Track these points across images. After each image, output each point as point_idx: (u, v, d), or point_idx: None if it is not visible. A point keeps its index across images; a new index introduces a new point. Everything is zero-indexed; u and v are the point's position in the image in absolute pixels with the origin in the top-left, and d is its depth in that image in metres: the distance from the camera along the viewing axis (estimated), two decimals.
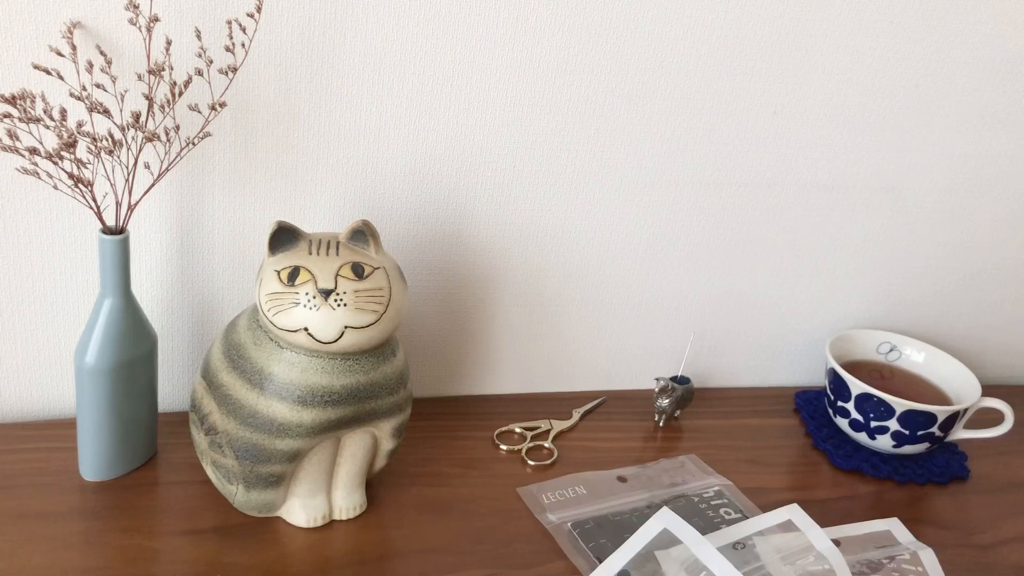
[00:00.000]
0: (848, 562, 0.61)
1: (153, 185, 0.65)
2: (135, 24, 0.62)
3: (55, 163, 0.60)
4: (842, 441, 0.83)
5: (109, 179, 0.64)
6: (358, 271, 0.60)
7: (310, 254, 0.60)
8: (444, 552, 0.65)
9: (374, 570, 0.62)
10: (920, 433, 0.79)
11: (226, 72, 0.64)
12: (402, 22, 0.69)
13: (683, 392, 0.83)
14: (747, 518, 0.69)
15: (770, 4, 0.76)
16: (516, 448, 0.77)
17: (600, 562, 0.62)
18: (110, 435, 0.66)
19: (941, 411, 0.78)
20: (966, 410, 0.80)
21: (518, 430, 0.80)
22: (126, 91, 0.64)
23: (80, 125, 0.60)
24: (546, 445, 0.78)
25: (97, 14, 0.63)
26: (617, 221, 0.81)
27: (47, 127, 0.60)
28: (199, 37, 0.64)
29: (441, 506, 0.69)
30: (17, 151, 0.59)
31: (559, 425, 0.81)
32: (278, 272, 0.59)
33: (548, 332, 0.85)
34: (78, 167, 0.61)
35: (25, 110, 0.59)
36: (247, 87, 0.68)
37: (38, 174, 0.60)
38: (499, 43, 0.72)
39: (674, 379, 0.85)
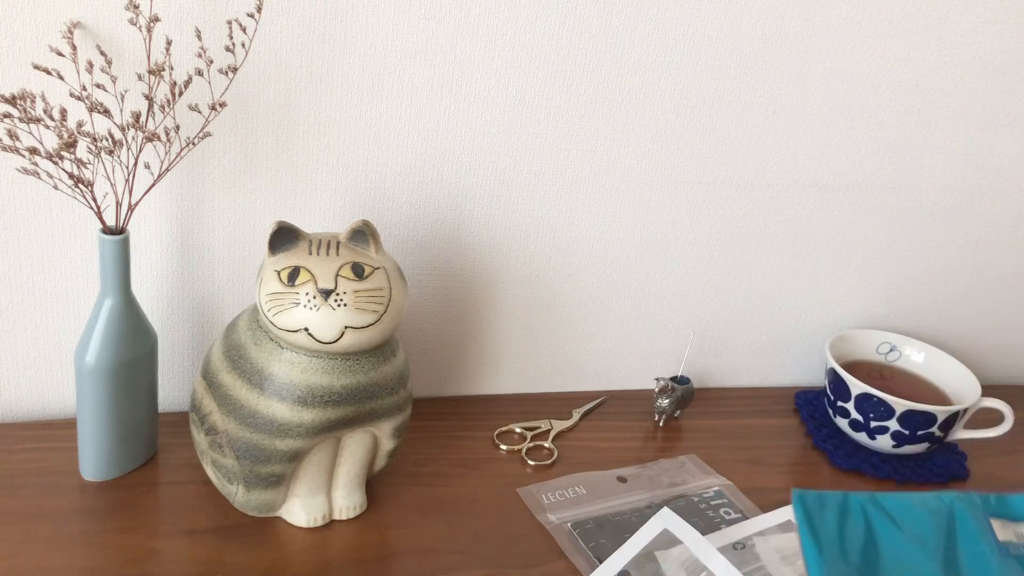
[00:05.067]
0: None
1: (153, 185, 0.65)
2: (135, 24, 0.62)
3: (55, 163, 0.60)
4: (842, 441, 0.83)
5: (109, 179, 0.64)
6: (358, 271, 0.60)
7: (310, 254, 0.60)
8: (444, 552, 0.65)
9: (374, 570, 0.62)
10: (920, 433, 0.79)
11: (226, 72, 0.64)
12: (402, 22, 0.69)
13: (683, 392, 0.83)
14: (747, 518, 0.69)
15: (770, 4, 0.76)
16: (516, 448, 0.77)
17: (600, 562, 0.62)
18: (110, 435, 0.66)
19: (941, 411, 0.78)
20: (966, 410, 0.80)
21: (518, 430, 0.80)
22: (126, 91, 0.64)
23: (80, 125, 0.60)
24: (546, 445, 0.78)
25: (97, 14, 0.63)
26: (617, 221, 0.81)
27: (47, 127, 0.60)
28: (199, 37, 0.64)
29: (441, 506, 0.69)
30: (17, 151, 0.59)
31: (559, 425, 0.81)
32: (278, 272, 0.59)
33: (548, 332, 0.85)
34: (78, 167, 0.61)
35: (25, 110, 0.59)
36: (247, 87, 0.68)
37: (38, 174, 0.60)
38: (499, 43, 0.72)
39: (674, 379, 0.85)
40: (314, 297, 0.58)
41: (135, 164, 0.64)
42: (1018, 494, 0.65)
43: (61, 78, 0.61)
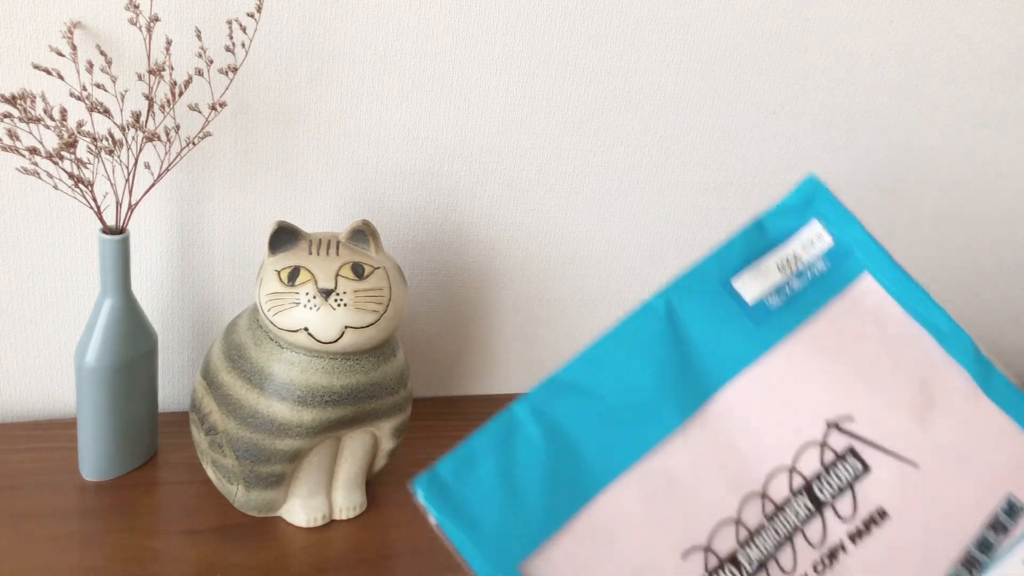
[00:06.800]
0: None
1: (153, 185, 0.65)
2: (135, 24, 0.62)
3: (55, 163, 0.60)
4: None
5: (109, 179, 0.64)
6: (358, 271, 0.60)
7: (310, 254, 0.60)
8: (444, 552, 0.65)
9: (374, 570, 0.62)
10: None
11: (226, 72, 0.64)
12: (403, 22, 0.69)
13: None
14: None
15: (770, 3, 0.76)
16: None
17: None
18: (110, 435, 0.66)
19: None
20: None
21: None
22: (126, 91, 0.64)
23: (80, 125, 0.60)
24: None
25: (97, 14, 0.63)
26: (617, 221, 0.81)
27: (47, 127, 0.60)
28: (199, 37, 0.64)
29: None
30: (17, 151, 0.59)
31: None
32: (278, 272, 0.59)
33: (548, 332, 0.85)
34: (78, 167, 0.61)
35: (25, 110, 0.59)
36: (247, 87, 0.68)
37: (38, 174, 0.60)
38: (500, 43, 0.72)
39: None
40: (314, 297, 0.58)
41: (135, 164, 0.64)
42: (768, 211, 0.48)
43: (61, 78, 0.61)
